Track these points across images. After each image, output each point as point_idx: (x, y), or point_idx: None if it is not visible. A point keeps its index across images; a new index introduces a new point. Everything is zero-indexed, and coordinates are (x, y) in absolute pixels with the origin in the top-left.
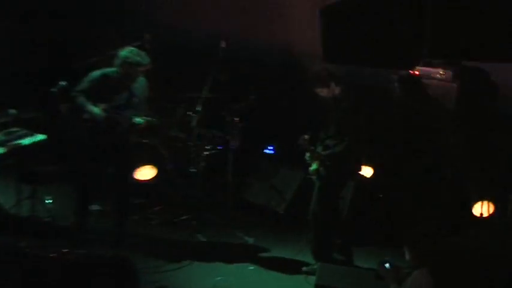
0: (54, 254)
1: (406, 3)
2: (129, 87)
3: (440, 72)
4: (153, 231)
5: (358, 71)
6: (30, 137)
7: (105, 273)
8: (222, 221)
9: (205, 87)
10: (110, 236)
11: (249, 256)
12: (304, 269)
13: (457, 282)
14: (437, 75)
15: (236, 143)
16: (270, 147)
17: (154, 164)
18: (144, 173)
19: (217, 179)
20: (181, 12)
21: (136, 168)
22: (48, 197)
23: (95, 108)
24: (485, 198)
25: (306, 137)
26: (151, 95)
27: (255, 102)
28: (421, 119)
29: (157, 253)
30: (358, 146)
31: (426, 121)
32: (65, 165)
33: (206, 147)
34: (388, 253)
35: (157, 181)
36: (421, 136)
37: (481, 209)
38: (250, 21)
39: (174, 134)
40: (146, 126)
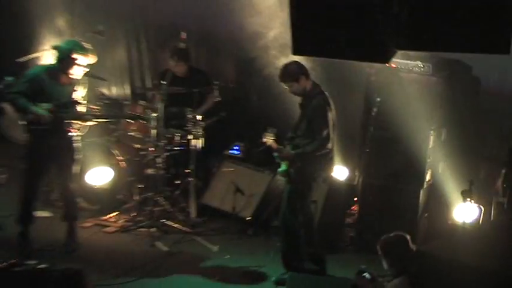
0: (1, 265)
1: None
2: (73, 83)
3: (419, 65)
4: (108, 240)
5: (330, 64)
6: None
7: (55, 287)
8: (184, 228)
9: (164, 82)
10: (61, 246)
11: (213, 266)
12: (273, 279)
13: None
14: (416, 68)
15: (198, 143)
16: (235, 147)
17: (110, 167)
18: (97, 176)
19: (178, 182)
20: (138, 0)
21: (89, 171)
22: None
23: (38, 108)
24: (468, 201)
25: (270, 133)
26: (104, 91)
27: (219, 99)
28: (399, 116)
29: (113, 264)
30: (331, 145)
31: (404, 118)
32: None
33: (166, 148)
34: (364, 261)
35: (113, 185)
36: (400, 134)
37: (463, 213)
38: (212, 10)
39: (130, 133)
40: (95, 124)
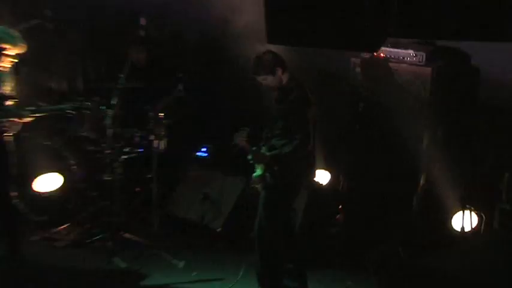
0: None
1: None
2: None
3: (411, 54)
4: (58, 255)
5: (310, 54)
6: None
7: None
8: (145, 241)
9: (121, 75)
10: (2, 263)
11: (178, 283)
12: None
13: None
14: (408, 58)
15: (161, 145)
16: (203, 149)
17: (59, 172)
18: (45, 183)
19: (138, 189)
20: None
21: (35, 177)
22: None
23: None
24: (468, 207)
25: (242, 132)
26: (53, 85)
27: (184, 93)
28: (388, 112)
29: (63, 284)
30: (312, 146)
31: (394, 114)
32: None
33: (124, 150)
34: (349, 277)
35: (63, 193)
36: (389, 133)
37: (462, 221)
38: None
39: (83, 133)
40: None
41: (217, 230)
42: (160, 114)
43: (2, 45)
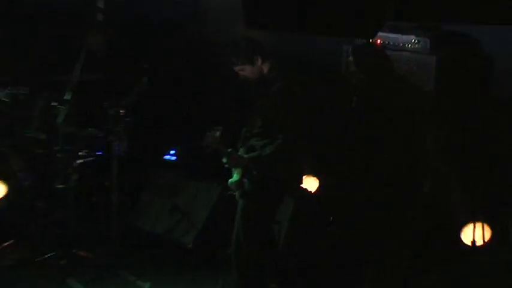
0: None
1: None
2: None
3: (413, 40)
4: (2, 277)
5: (295, 40)
6: None
7: None
8: (104, 259)
9: (76, 66)
10: None
11: None
12: None
13: None
14: (409, 45)
15: (123, 147)
16: (171, 152)
17: (2, 180)
18: None
19: (95, 198)
20: None
21: None
22: None
23: None
24: (479, 219)
25: (215, 132)
26: None
27: (149, 87)
28: (387, 107)
29: None
30: (297, 147)
31: (394, 109)
32: None
33: (79, 154)
34: None
35: (8, 204)
36: (387, 132)
37: (473, 234)
38: None
39: (31, 134)
40: None
41: (188, 245)
42: (122, 112)
43: None
